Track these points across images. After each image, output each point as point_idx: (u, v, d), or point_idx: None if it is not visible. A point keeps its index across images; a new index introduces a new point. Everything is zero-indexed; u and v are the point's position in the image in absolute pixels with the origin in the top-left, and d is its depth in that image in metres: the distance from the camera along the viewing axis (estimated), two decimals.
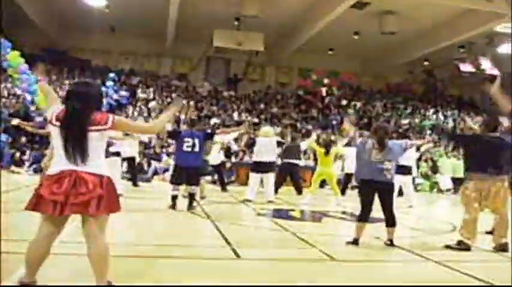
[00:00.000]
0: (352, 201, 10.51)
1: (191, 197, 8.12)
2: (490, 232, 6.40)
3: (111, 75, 19.45)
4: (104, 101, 3.60)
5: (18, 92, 16.47)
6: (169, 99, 21.34)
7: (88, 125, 3.20)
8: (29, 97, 15.68)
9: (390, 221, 5.76)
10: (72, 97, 3.29)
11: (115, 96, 18.68)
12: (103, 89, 3.92)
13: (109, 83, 18.71)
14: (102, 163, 3.30)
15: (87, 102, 3.27)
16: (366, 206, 5.69)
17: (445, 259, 5.08)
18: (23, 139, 15.05)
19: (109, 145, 8.07)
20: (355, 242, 5.65)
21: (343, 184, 12.29)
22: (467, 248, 5.69)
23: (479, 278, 4.36)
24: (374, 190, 5.72)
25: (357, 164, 5.98)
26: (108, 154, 3.31)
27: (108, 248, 3.27)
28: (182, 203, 8.16)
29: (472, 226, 5.79)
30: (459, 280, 4.42)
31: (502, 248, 5.70)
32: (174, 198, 8.04)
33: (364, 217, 5.71)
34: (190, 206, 8.01)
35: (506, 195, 5.82)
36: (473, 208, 5.79)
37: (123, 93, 19.95)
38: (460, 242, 5.77)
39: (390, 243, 5.71)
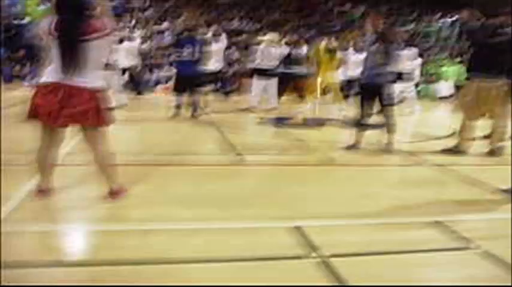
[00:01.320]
0: (354, 108, 10.56)
1: (194, 104, 8.15)
2: (487, 136, 6.48)
3: None
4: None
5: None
6: (166, 6, 20.72)
7: (83, 35, 3.14)
8: None
9: (390, 126, 5.83)
10: (61, 7, 3.20)
11: None
12: None
13: None
14: (98, 75, 3.30)
15: (76, 11, 3.18)
16: (365, 110, 5.75)
17: (441, 163, 5.21)
18: (22, 52, 14.84)
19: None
20: (355, 146, 5.76)
21: (346, 90, 12.23)
22: (463, 152, 5.81)
23: (472, 178, 4.52)
24: (374, 94, 5.75)
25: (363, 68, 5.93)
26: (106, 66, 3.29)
27: (111, 156, 3.38)
28: (186, 112, 8.22)
29: (469, 129, 5.85)
30: (453, 180, 4.58)
31: (492, 153, 5.80)
32: (178, 107, 8.10)
33: (363, 121, 5.78)
34: (193, 114, 8.08)
35: (505, 100, 5.70)
36: (470, 112, 5.81)
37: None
38: (456, 146, 5.89)
39: (389, 148, 5.82)
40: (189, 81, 8.05)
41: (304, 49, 11.94)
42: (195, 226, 2.99)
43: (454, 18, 23.88)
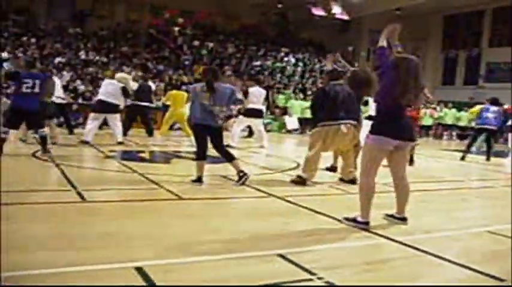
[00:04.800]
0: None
1: (42, 140, 7.48)
2: (330, 169, 7.30)
3: None
4: None
5: None
6: (6, 34, 19.28)
7: None
8: None
9: (227, 157, 5.99)
10: None
11: None
12: None
13: None
14: None
15: None
16: (200, 146, 5.84)
17: (286, 195, 5.40)
18: None
19: None
20: (199, 179, 5.78)
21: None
22: (303, 182, 6.14)
23: (309, 208, 4.80)
24: (206, 133, 5.85)
25: (191, 107, 5.93)
26: None
27: None
28: (23, 147, 7.60)
29: (313, 162, 6.24)
30: (295, 210, 4.78)
31: (352, 181, 6.31)
32: (2, 140, 7.26)
33: (201, 155, 5.85)
34: (44, 150, 7.44)
35: (352, 138, 6.30)
36: (316, 147, 6.22)
37: None
38: (299, 176, 6.22)
39: (244, 175, 5.88)
40: (27, 116, 7.36)
41: (152, 84, 11.95)
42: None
43: (298, 57, 25.68)
